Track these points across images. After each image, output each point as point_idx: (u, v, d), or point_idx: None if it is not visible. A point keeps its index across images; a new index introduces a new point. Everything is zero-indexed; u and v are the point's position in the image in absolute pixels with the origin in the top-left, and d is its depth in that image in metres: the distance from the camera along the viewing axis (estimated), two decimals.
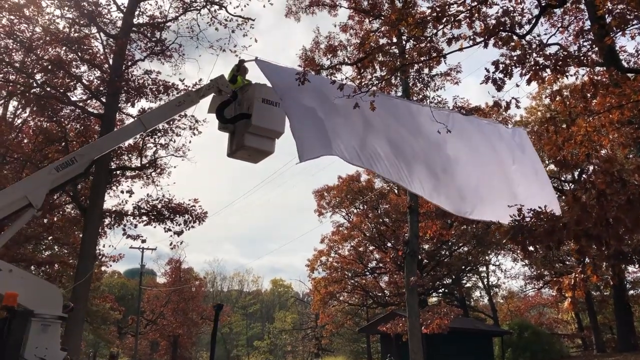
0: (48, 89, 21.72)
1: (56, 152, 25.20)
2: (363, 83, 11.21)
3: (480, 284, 50.27)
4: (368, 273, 44.63)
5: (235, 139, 10.85)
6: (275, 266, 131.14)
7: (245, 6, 31.73)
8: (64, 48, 21.61)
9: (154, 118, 11.53)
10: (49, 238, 29.42)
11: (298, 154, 9.24)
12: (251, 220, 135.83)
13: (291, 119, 9.87)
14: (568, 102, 10.11)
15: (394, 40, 19.18)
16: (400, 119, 11.36)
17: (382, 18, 23.49)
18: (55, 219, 27.68)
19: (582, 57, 9.68)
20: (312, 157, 9.79)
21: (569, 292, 8.17)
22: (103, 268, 35.03)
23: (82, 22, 21.83)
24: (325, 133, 10.31)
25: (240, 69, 11.18)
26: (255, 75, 11.20)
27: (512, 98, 9.65)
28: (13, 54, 21.32)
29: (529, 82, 8.41)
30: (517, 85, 9.37)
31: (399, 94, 23.51)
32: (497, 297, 51.93)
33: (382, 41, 14.89)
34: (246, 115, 10.46)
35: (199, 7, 23.03)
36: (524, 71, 8.34)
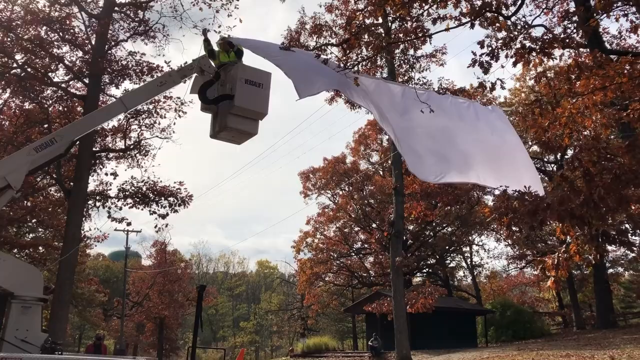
0: (29, 69, 21.37)
1: (39, 133, 24.86)
2: (349, 64, 11.19)
3: (463, 264, 50.97)
4: (353, 254, 44.95)
5: (218, 120, 10.71)
6: (260, 248, 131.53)
7: None
8: (44, 28, 21.23)
9: (135, 98, 11.31)
10: (33, 221, 29.19)
11: (296, 90, 9.10)
12: (235, 202, 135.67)
13: (283, 65, 9.74)
14: (553, 84, 10.18)
15: (380, 20, 19.12)
16: (388, 100, 11.35)
17: None
18: (38, 201, 27.41)
19: (567, 40, 9.75)
20: (311, 94, 9.66)
21: (552, 272, 8.31)
22: (87, 250, 34.86)
23: (62, 1, 21.43)
24: (321, 73, 10.26)
25: (218, 43, 10.99)
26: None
27: (497, 79, 9.70)
28: None
29: (515, 64, 8.46)
30: (502, 67, 9.41)
31: (385, 75, 23.48)
32: (480, 276, 52.69)
33: (368, 21, 14.84)
34: (229, 96, 10.32)
35: None
36: (510, 53, 8.37)
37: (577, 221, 8.28)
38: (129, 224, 25.49)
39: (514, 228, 9.40)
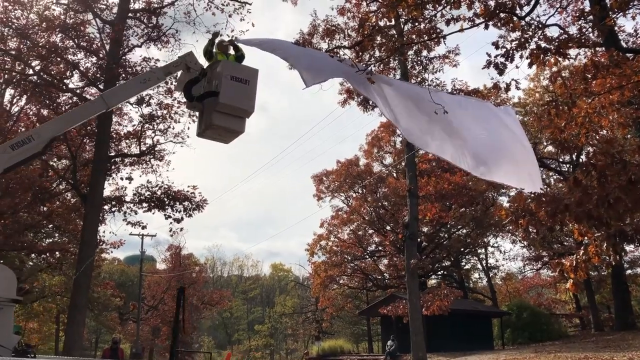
0: (44, 76, 21.60)
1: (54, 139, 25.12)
2: (362, 65, 11.15)
3: (479, 266, 50.61)
4: (367, 256, 44.81)
5: (204, 118, 10.40)
6: (273, 250, 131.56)
7: None
8: (59, 35, 21.46)
9: (117, 96, 10.98)
10: (49, 226, 29.44)
11: (302, 79, 8.74)
12: (248, 206, 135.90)
13: (289, 56, 9.61)
14: (568, 84, 10.07)
15: (392, 22, 19.08)
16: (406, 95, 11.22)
17: (379, 0, 23.33)
18: (55, 206, 27.68)
19: (582, 39, 9.66)
20: (318, 81, 9.27)
21: (571, 274, 8.20)
22: (103, 255, 35.11)
23: (77, 8, 21.65)
24: (329, 63, 10.06)
25: (216, 44, 10.79)
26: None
27: (512, 80, 9.63)
28: (8, 41, 21.16)
29: (530, 65, 8.38)
30: (517, 67, 9.35)
31: (397, 77, 23.42)
32: (495, 278, 52.27)
33: (381, 23, 14.81)
34: (214, 93, 9.99)
35: None
36: (525, 54, 8.30)
37: (594, 222, 8.18)
38: (144, 227, 25.68)
39: (531, 230, 9.31)
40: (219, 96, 9.87)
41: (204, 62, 10.63)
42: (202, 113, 10.47)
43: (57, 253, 29.65)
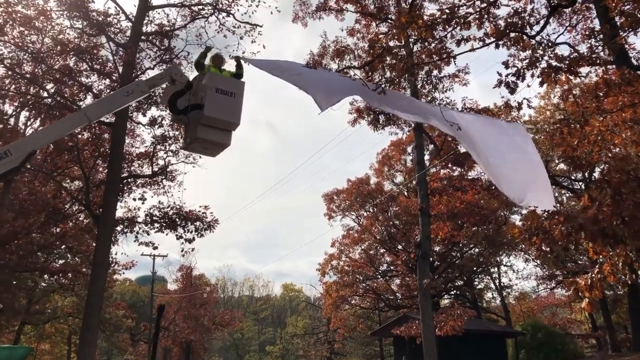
0: (58, 98, 21.89)
1: (67, 161, 25.40)
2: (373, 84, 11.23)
3: (492, 285, 50.09)
4: (379, 276, 44.53)
5: (189, 131, 10.20)
6: (282, 271, 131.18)
7: (253, 13, 31.87)
8: (73, 58, 21.79)
9: (99, 109, 10.58)
10: (62, 247, 29.62)
11: (317, 104, 8.57)
12: (258, 225, 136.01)
13: (299, 82, 9.28)
14: (580, 102, 10.06)
15: (402, 42, 19.22)
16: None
17: (390, 21, 23.53)
18: (68, 227, 27.87)
19: (593, 57, 9.66)
20: (333, 104, 9.01)
21: (586, 293, 8.11)
22: (115, 276, 35.20)
23: (91, 31, 22.01)
24: (339, 82, 9.95)
25: (211, 57, 10.48)
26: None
27: (524, 99, 9.64)
28: (24, 64, 21.52)
29: (541, 83, 8.39)
30: (529, 86, 9.35)
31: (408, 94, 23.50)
32: (509, 298, 51.68)
33: (391, 44, 14.92)
34: (199, 106, 9.81)
35: (207, 15, 23.15)
36: (536, 73, 8.31)
37: (609, 240, 8.11)
38: (155, 247, 25.73)
39: (544, 248, 9.24)
40: (203, 109, 9.71)
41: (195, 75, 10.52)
42: (188, 126, 10.29)
43: (69, 274, 29.81)
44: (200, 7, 23.18)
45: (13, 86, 22.32)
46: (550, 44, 10.29)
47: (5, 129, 22.17)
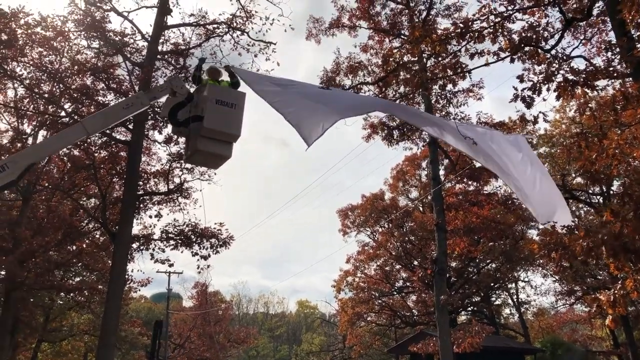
0: (76, 117, 22.15)
1: (84, 179, 25.64)
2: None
3: (510, 301, 49.42)
4: (395, 292, 44.16)
5: (190, 143, 10.11)
6: (296, 287, 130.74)
7: (267, 31, 32.15)
8: (90, 77, 22.09)
9: (97, 122, 10.28)
10: (79, 264, 29.80)
11: (303, 139, 8.21)
12: (272, 242, 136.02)
13: (282, 108, 8.80)
14: (597, 115, 9.96)
15: (415, 58, 19.23)
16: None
17: (403, 37, 23.60)
18: (84, 245, 28.06)
19: (610, 70, 9.58)
20: (319, 136, 8.54)
21: (609, 309, 7.94)
22: (131, 293, 35.27)
23: (108, 51, 22.32)
24: (319, 108, 9.39)
25: (207, 71, 10.55)
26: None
27: (540, 112, 9.59)
28: (42, 84, 21.85)
29: (558, 97, 8.32)
30: (545, 100, 9.29)
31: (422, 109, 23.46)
32: (527, 314, 50.94)
33: (405, 59, 14.94)
34: (199, 118, 9.72)
35: (221, 34, 23.36)
36: (552, 87, 8.25)
37: (631, 255, 7.95)
38: (171, 265, 25.75)
39: (564, 264, 9.10)
40: (203, 121, 9.62)
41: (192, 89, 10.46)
42: (189, 138, 10.20)
43: (85, 291, 29.91)
44: (215, 25, 23.40)
45: (32, 106, 22.65)
46: (565, 58, 10.23)
47: (23, 148, 22.48)
